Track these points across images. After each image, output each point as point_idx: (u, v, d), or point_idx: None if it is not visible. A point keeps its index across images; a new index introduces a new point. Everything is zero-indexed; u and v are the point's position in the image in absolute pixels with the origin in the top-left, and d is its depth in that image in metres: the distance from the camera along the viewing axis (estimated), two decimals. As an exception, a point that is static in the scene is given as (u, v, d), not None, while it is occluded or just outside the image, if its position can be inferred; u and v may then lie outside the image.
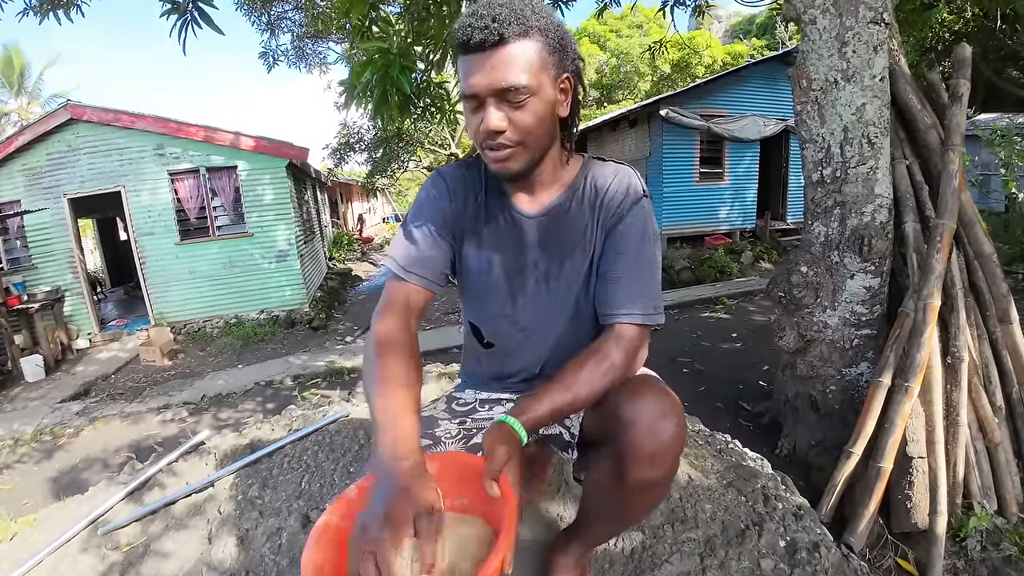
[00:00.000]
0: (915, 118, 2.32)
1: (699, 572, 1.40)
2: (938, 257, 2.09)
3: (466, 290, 1.28)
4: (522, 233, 1.18)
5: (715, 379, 4.37)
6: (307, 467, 2.08)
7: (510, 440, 0.92)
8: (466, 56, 0.99)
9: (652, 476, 0.99)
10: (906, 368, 2.04)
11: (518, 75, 0.96)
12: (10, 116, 23.37)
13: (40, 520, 2.18)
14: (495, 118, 0.99)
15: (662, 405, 0.98)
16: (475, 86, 0.98)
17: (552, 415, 0.99)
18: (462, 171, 1.22)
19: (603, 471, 1.06)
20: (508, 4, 0.96)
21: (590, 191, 1.16)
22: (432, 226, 1.17)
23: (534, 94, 0.99)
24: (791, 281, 2.53)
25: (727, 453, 2.05)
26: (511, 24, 0.94)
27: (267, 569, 1.54)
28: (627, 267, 1.11)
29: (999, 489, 2.11)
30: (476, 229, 1.20)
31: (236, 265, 8.60)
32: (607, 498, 1.09)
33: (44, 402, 5.97)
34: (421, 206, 1.20)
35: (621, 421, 0.98)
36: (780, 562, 1.44)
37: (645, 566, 1.42)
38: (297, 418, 2.65)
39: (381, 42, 2.97)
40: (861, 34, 2.12)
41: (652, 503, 1.15)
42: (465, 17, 0.98)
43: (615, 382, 1.04)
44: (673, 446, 0.98)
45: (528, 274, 1.19)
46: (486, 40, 0.95)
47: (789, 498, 1.74)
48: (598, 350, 1.05)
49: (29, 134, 7.84)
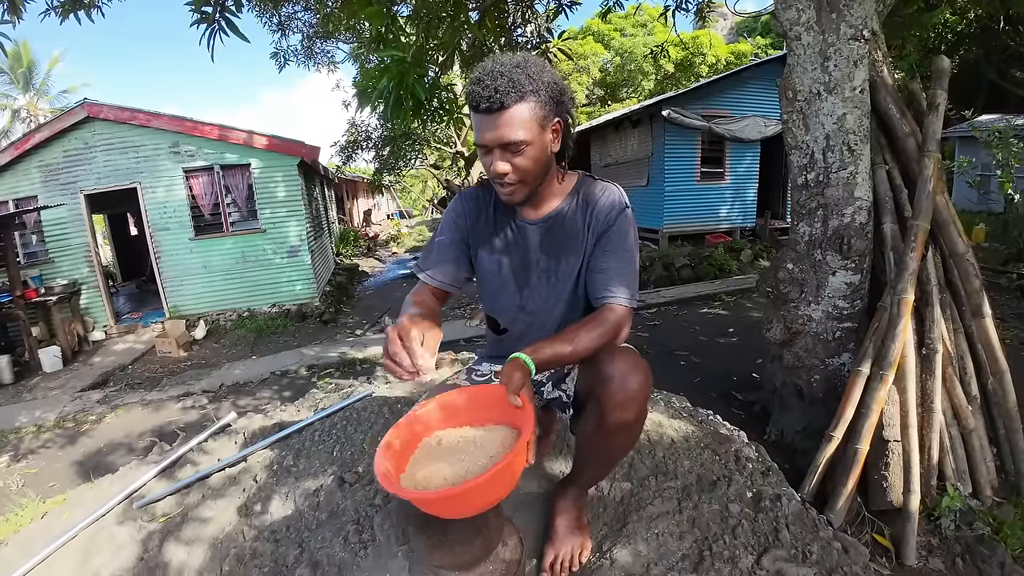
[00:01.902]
0: (895, 126, 2.46)
1: (676, 512, 1.64)
2: (912, 255, 2.23)
3: (483, 287, 1.57)
4: (526, 237, 1.47)
5: (711, 371, 4.51)
6: (337, 439, 2.25)
7: (523, 368, 1.17)
8: (476, 115, 1.26)
9: (625, 418, 1.26)
10: (882, 358, 2.17)
11: (515, 133, 1.24)
12: (19, 112, 23.51)
13: (71, 500, 2.29)
14: (500, 164, 1.28)
15: (630, 363, 1.25)
16: (484, 140, 1.27)
17: (552, 358, 1.24)
18: (477, 192, 1.54)
19: (589, 420, 1.34)
20: (507, 73, 1.21)
21: (583, 203, 1.44)
22: (451, 240, 1.51)
23: (529, 144, 1.26)
24: (778, 277, 2.70)
25: (706, 423, 2.25)
26: (509, 94, 1.20)
27: (307, 523, 1.72)
28: (614, 262, 1.38)
29: (974, 473, 2.24)
30: (488, 238, 1.51)
31: (249, 260, 8.80)
32: (593, 443, 1.37)
33: (64, 391, 6.13)
34: (445, 224, 1.54)
35: (600, 377, 1.26)
36: (746, 507, 1.67)
37: (632, 508, 1.66)
38: (321, 400, 2.83)
39: (397, 50, 3.14)
40: (842, 50, 2.29)
41: (628, 443, 1.41)
42: (474, 83, 1.24)
43: (604, 345, 1.30)
44: (639, 394, 1.25)
45: (532, 270, 1.48)
46: (490, 107, 1.21)
47: (759, 460, 1.94)
48: (594, 319, 1.33)
49: (46, 131, 7.99)
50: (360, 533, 1.62)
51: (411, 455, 1.18)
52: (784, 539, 1.52)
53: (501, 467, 0.99)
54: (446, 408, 1.25)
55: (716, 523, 1.59)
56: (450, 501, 1.04)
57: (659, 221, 11.09)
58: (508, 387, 1.13)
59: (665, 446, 1.98)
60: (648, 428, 2.07)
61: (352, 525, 1.67)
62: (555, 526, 1.49)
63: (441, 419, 1.24)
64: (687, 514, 1.61)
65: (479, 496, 1.05)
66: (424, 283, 1.49)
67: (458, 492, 1.01)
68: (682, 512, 1.62)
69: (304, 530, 1.69)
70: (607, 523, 1.62)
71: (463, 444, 1.18)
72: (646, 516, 1.60)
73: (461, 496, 1.01)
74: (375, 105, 3.39)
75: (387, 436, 1.17)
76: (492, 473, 0.99)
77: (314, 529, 1.69)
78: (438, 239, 1.52)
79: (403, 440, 1.19)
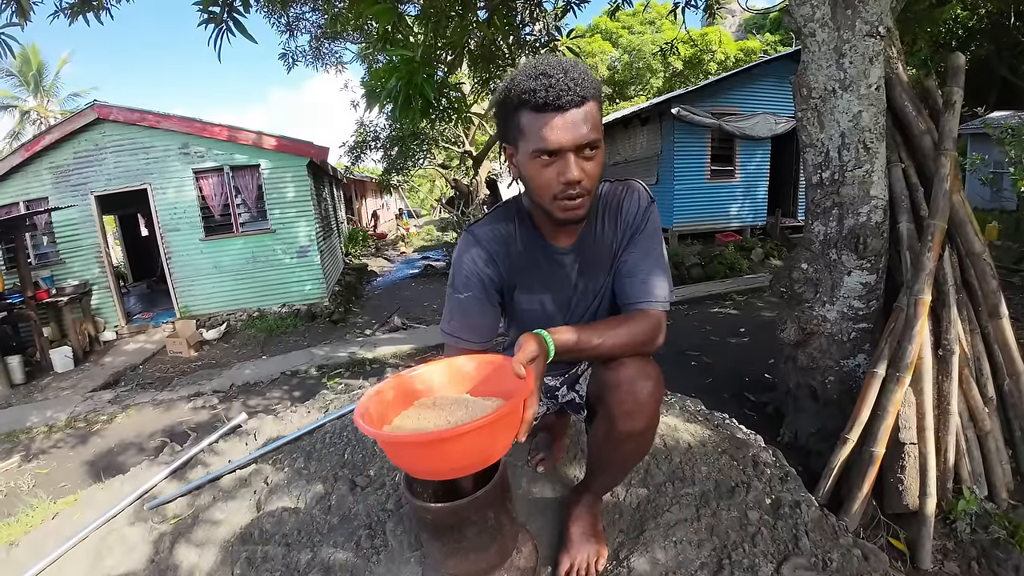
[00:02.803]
0: (910, 124, 2.44)
1: (695, 519, 1.61)
2: (929, 255, 2.21)
3: (519, 326, 1.43)
4: (563, 268, 1.35)
5: (722, 372, 4.50)
6: (348, 441, 2.24)
7: (540, 343, 1.09)
8: (541, 114, 1.09)
9: (635, 427, 1.20)
10: (898, 359, 2.15)
11: (593, 132, 1.11)
12: (29, 114, 23.70)
13: (82, 500, 2.29)
14: (576, 170, 1.12)
15: (639, 369, 1.18)
16: (558, 141, 1.10)
17: (577, 346, 1.15)
18: (494, 228, 1.36)
19: (599, 427, 1.29)
20: (577, 67, 1.10)
21: (608, 212, 1.32)
22: (476, 297, 1.34)
23: (600, 148, 1.14)
24: (792, 277, 2.67)
25: (723, 428, 2.22)
26: (588, 88, 1.08)
27: (318, 527, 1.71)
28: (647, 264, 1.28)
29: (989, 476, 2.21)
30: (523, 278, 1.37)
31: (259, 260, 8.82)
32: (604, 450, 1.31)
33: (75, 391, 6.15)
34: (465, 277, 1.34)
35: (608, 383, 1.20)
36: (765, 514, 1.64)
37: (649, 515, 1.63)
38: (331, 401, 2.82)
39: (406, 50, 3.14)
40: (857, 46, 2.26)
41: (640, 451, 1.35)
42: (538, 77, 1.08)
43: (637, 351, 1.21)
44: (650, 402, 1.19)
45: (573, 298, 1.38)
46: (570, 101, 1.07)
47: (777, 465, 1.91)
48: (632, 319, 1.23)
49: (56, 133, 8.03)
50: (372, 538, 1.61)
51: (403, 410, 1.14)
52: (804, 547, 1.50)
53: (484, 422, 0.93)
54: (452, 372, 1.20)
55: (735, 531, 1.56)
56: (420, 449, 0.99)
57: (669, 220, 11.04)
58: (516, 356, 1.05)
59: (681, 451, 1.95)
60: (664, 432, 2.05)
61: (364, 530, 1.66)
62: (570, 533, 1.45)
63: (444, 382, 1.20)
64: (705, 521, 1.59)
65: (453, 449, 0.97)
66: (453, 348, 1.35)
67: (429, 439, 0.96)
68: (700, 519, 1.60)
69: (315, 534, 1.68)
70: (623, 530, 1.59)
71: (454, 407, 1.10)
72: (663, 523, 1.58)
73: (432, 444, 0.96)
74: (383, 104, 3.39)
75: (382, 383, 1.15)
76: (471, 426, 0.92)
77: (325, 533, 1.68)
78: (458, 296, 1.35)
79: (398, 393, 1.16)
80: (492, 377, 1.17)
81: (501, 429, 0.99)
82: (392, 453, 1.05)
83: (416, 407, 1.14)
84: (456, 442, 0.94)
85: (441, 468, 1.04)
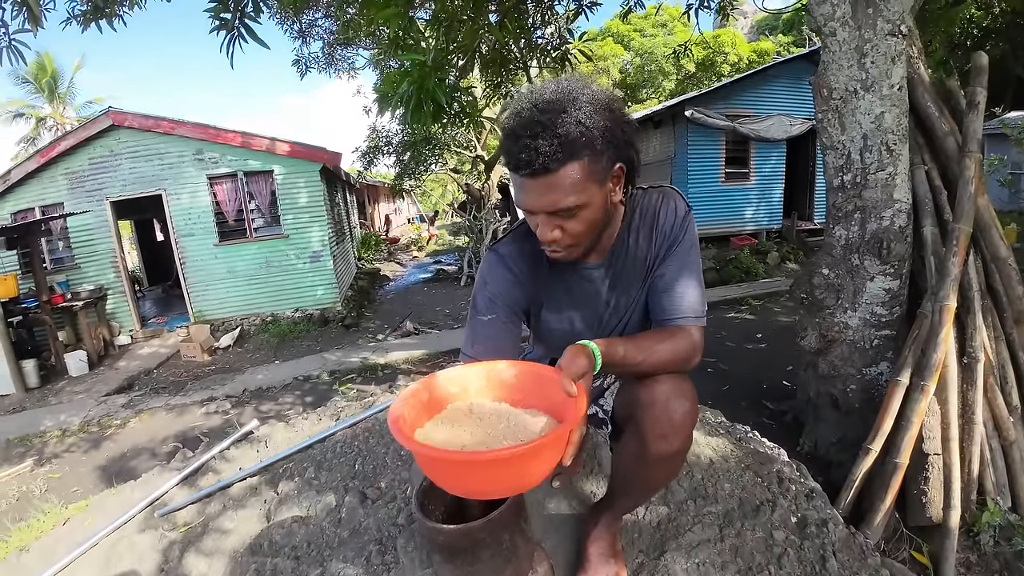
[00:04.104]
0: (933, 125, 2.38)
1: (718, 540, 1.54)
2: (954, 260, 2.15)
3: (547, 344, 1.39)
4: (593, 284, 1.30)
5: (739, 379, 4.43)
6: (359, 451, 2.21)
7: (589, 357, 1.02)
8: (516, 175, 1.05)
9: (668, 450, 1.13)
10: (923, 367, 2.10)
11: (565, 198, 1.03)
12: (45, 121, 24.01)
13: (93, 506, 2.28)
14: (546, 231, 1.09)
15: (675, 388, 1.12)
16: (526, 205, 1.07)
17: (622, 361, 1.09)
18: (518, 246, 1.29)
19: (627, 447, 1.22)
20: (552, 124, 0.98)
21: (644, 223, 1.26)
22: (503, 318, 1.27)
23: (582, 207, 1.06)
24: (813, 283, 2.62)
25: (746, 441, 2.16)
26: (556, 154, 0.98)
27: (328, 540, 1.68)
28: (684, 278, 1.22)
29: (1013, 486, 2.16)
30: (551, 296, 1.32)
31: (272, 265, 8.87)
32: (631, 470, 1.24)
33: (89, 395, 6.23)
34: (491, 300, 1.28)
35: (641, 403, 1.13)
36: (791, 534, 1.58)
37: (670, 535, 1.57)
38: (343, 408, 2.80)
39: (417, 54, 3.12)
40: (879, 46, 2.20)
41: (670, 474, 1.29)
42: (510, 138, 1.03)
43: (676, 368, 1.15)
44: (685, 423, 1.12)
45: (604, 313, 1.33)
46: (533, 172, 1.01)
47: (802, 481, 1.85)
48: (672, 335, 1.16)
49: (72, 139, 8.15)
50: (383, 554, 1.58)
51: (436, 414, 1.05)
52: (832, 568, 1.44)
53: (531, 447, 0.86)
54: (491, 377, 1.11)
55: (760, 552, 1.50)
56: (458, 468, 0.91)
57: (682, 223, 10.95)
58: (566, 371, 0.97)
59: (703, 467, 1.89)
60: (685, 448, 1.98)
61: (375, 545, 1.62)
62: (588, 553, 1.39)
63: (481, 387, 1.11)
64: (729, 542, 1.52)
65: (495, 474, 0.90)
66: None
67: (471, 460, 0.88)
68: (724, 540, 1.53)
69: (325, 548, 1.65)
70: (643, 550, 1.53)
71: (494, 419, 1.02)
72: (685, 544, 1.52)
73: (473, 465, 0.88)
74: (395, 109, 3.37)
75: (418, 384, 1.07)
76: (518, 450, 0.85)
77: (335, 547, 1.65)
78: (481, 319, 1.27)
79: (431, 396, 1.07)
80: (534, 388, 1.08)
81: (549, 452, 0.92)
82: (427, 467, 0.97)
83: (450, 412, 1.06)
84: (501, 465, 0.88)
85: (478, 488, 0.97)
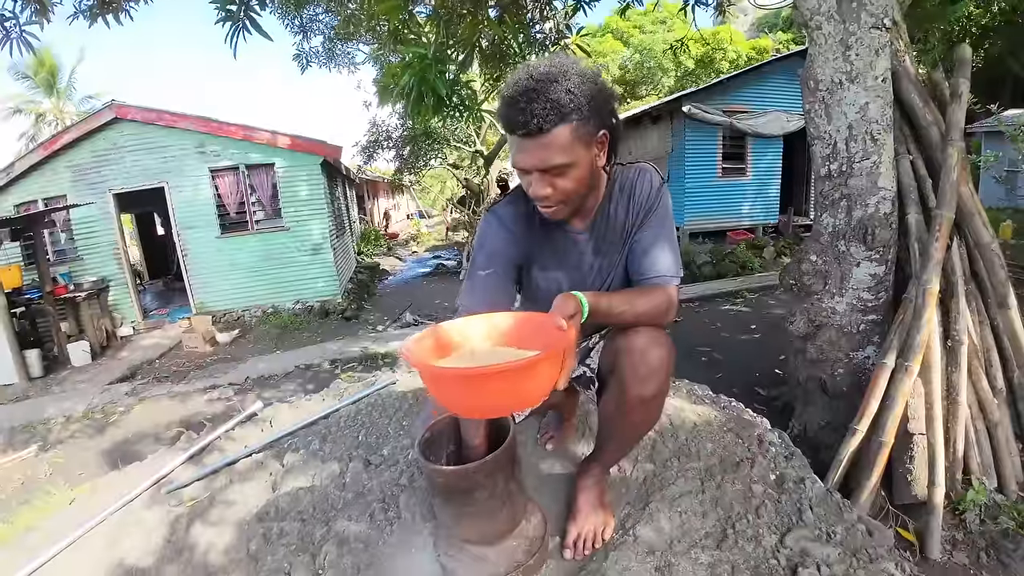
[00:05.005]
0: (918, 115, 2.43)
1: (699, 492, 1.64)
2: (937, 245, 2.21)
3: (535, 303, 1.49)
4: (578, 247, 1.44)
5: (732, 367, 4.50)
6: (362, 424, 2.29)
7: (576, 303, 1.13)
8: (511, 136, 1.19)
9: (646, 392, 1.26)
10: (907, 349, 2.15)
11: (556, 156, 1.16)
12: (45, 115, 23.92)
13: (99, 486, 2.32)
14: (539, 188, 1.22)
15: (653, 337, 1.24)
16: (522, 163, 1.20)
17: (606, 311, 1.21)
18: (514, 208, 1.43)
19: (611, 393, 1.35)
20: (544, 91, 1.11)
21: (623, 195, 1.39)
22: (499, 273, 1.40)
23: (571, 166, 1.19)
24: (801, 269, 2.68)
25: (729, 409, 2.25)
26: (548, 116, 1.11)
27: (333, 502, 1.76)
28: (660, 240, 1.35)
29: (999, 467, 2.22)
30: (539, 255, 1.45)
31: (273, 258, 8.94)
32: (615, 417, 1.37)
33: (92, 384, 6.26)
34: (490, 256, 1.41)
35: (621, 350, 1.26)
36: (769, 488, 1.67)
37: (655, 488, 1.68)
38: (345, 389, 2.87)
39: (418, 47, 3.18)
40: (863, 39, 2.27)
41: (649, 419, 1.41)
42: (508, 104, 1.15)
43: (655, 321, 1.28)
44: (661, 367, 1.25)
45: (587, 275, 1.46)
46: (528, 132, 1.13)
47: (782, 444, 1.93)
48: (651, 292, 1.30)
49: (75, 132, 8.20)
50: (386, 511, 1.66)
51: (440, 358, 1.15)
52: (808, 520, 1.53)
53: (529, 361, 0.96)
54: (491, 327, 1.22)
55: (739, 503, 1.59)
56: (462, 383, 1.02)
57: (680, 218, 11.02)
58: (557, 310, 1.09)
59: (687, 429, 1.99)
60: (670, 412, 2.08)
61: (378, 504, 1.70)
62: (578, 504, 1.49)
63: (482, 335, 1.21)
64: (710, 494, 1.62)
65: (496, 387, 0.99)
66: None
67: (474, 373, 0.99)
68: (705, 492, 1.63)
69: (330, 509, 1.73)
70: (630, 502, 1.63)
71: (493, 357, 1.11)
72: (669, 496, 1.61)
73: (477, 379, 0.99)
74: (396, 101, 3.44)
75: (425, 331, 1.18)
76: (518, 364, 0.96)
77: (340, 508, 1.72)
78: (480, 273, 1.40)
79: (436, 343, 1.16)
80: (530, 334, 1.17)
81: (543, 372, 1.02)
82: (435, 387, 1.08)
83: (454, 357, 1.15)
84: (500, 379, 0.96)
85: (481, 404, 1.06)
